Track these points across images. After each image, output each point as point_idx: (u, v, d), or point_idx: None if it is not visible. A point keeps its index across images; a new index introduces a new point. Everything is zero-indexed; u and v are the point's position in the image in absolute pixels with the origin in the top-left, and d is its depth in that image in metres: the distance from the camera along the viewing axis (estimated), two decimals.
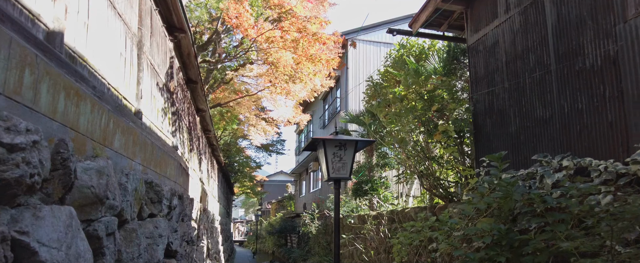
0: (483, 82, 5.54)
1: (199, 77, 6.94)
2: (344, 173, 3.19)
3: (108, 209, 2.62)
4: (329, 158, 3.14)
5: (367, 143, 3.31)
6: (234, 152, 24.80)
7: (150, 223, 3.71)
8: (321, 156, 3.20)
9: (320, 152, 3.21)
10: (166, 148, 4.39)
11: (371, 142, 3.33)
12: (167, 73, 4.88)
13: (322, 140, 3.13)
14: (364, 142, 3.30)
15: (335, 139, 3.16)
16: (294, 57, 8.47)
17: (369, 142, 3.28)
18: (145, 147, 3.61)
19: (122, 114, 3.08)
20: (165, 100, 4.70)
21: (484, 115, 5.48)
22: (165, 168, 4.28)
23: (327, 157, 3.12)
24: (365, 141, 3.32)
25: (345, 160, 3.19)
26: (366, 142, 3.35)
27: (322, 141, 3.14)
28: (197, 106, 8.29)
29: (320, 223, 14.46)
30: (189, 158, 6.70)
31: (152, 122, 4.04)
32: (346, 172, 3.19)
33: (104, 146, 2.70)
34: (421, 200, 8.00)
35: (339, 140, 3.18)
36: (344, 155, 3.18)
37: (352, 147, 3.21)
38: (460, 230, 4.47)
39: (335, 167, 3.14)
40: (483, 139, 5.46)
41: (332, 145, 3.18)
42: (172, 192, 4.31)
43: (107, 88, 2.87)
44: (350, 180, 3.22)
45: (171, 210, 4.29)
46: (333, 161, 3.14)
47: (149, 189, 3.62)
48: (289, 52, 8.29)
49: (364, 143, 3.30)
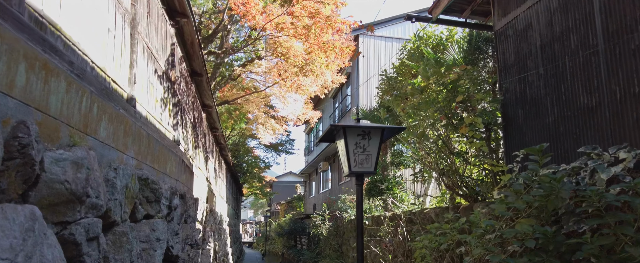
0: (513, 69, 5.05)
1: (204, 70, 6.53)
2: (368, 166, 2.72)
3: (89, 209, 2.19)
4: (351, 149, 2.68)
5: (395, 131, 2.84)
6: (243, 152, 24.43)
7: (146, 225, 3.28)
8: (341, 147, 2.75)
9: (340, 142, 2.75)
10: (166, 142, 3.96)
11: (400, 129, 2.86)
12: (167, 61, 4.46)
13: (342, 127, 2.67)
14: (392, 130, 2.82)
15: (357, 127, 2.70)
16: (305, 47, 7.98)
17: (398, 130, 2.82)
18: (140, 139, 3.18)
19: (111, 99, 2.65)
20: (166, 90, 4.28)
21: (514, 105, 4.98)
22: (164, 164, 3.85)
23: (348, 148, 2.66)
24: (394, 128, 2.85)
25: (370, 151, 2.73)
26: (394, 129, 2.87)
27: (342, 129, 2.67)
28: (203, 101, 7.88)
29: (331, 225, 14.01)
30: (194, 155, 6.28)
31: (149, 112, 3.61)
32: (370, 165, 2.72)
33: (85, 134, 2.27)
34: (441, 199, 7.51)
35: (362, 128, 2.72)
36: (368, 145, 2.71)
37: (377, 136, 2.74)
38: (494, 233, 3.99)
39: (358, 160, 2.68)
40: (514, 132, 4.97)
41: (354, 134, 2.72)
42: (173, 190, 3.88)
43: (90, 67, 2.44)
44: (374, 174, 2.75)
45: (171, 210, 3.87)
46: (355, 152, 2.68)
47: (144, 187, 3.19)
48: (300, 40, 7.79)
49: (392, 131, 2.82)
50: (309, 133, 26.85)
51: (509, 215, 3.77)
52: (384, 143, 11.38)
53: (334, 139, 2.95)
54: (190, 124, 6.14)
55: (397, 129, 2.83)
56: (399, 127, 2.77)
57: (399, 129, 2.84)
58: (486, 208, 4.90)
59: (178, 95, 4.95)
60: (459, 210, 5.77)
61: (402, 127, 2.80)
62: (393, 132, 2.84)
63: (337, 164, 19.49)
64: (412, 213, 6.55)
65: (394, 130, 2.84)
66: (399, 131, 2.86)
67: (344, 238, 13.04)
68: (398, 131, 2.84)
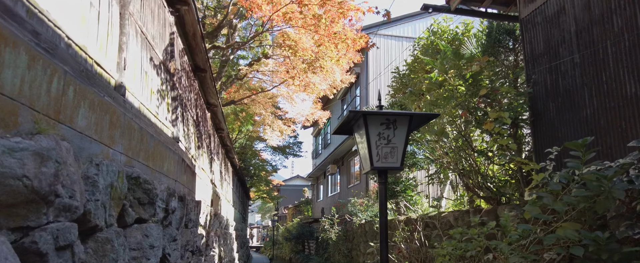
0: (542, 59, 4.62)
1: (208, 65, 6.16)
2: (393, 161, 2.30)
3: (60, 211, 1.81)
4: (373, 140, 2.27)
5: (426, 118, 2.43)
6: (250, 155, 24.08)
7: (137, 230, 2.90)
8: (360, 139, 2.33)
9: (360, 133, 2.33)
10: (162, 138, 3.58)
11: (432, 116, 2.42)
12: (166, 51, 4.09)
13: (362, 114, 2.25)
14: (421, 118, 2.39)
15: (381, 113, 2.28)
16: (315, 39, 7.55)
17: (429, 116, 2.39)
18: (130, 133, 2.80)
19: (93, 83, 2.27)
20: (164, 82, 3.90)
21: (544, 98, 4.55)
22: (161, 162, 3.47)
23: (370, 139, 2.24)
24: (425, 115, 2.42)
25: (395, 143, 2.31)
26: (425, 116, 2.43)
27: (362, 116, 2.25)
28: (207, 100, 7.51)
29: (341, 229, 13.57)
30: (197, 155, 5.90)
31: (142, 104, 3.23)
32: (396, 160, 2.30)
33: (56, 121, 1.88)
34: (460, 202, 7.06)
35: (386, 115, 2.30)
36: (393, 136, 2.29)
37: (404, 125, 2.32)
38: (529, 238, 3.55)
39: (382, 153, 2.26)
40: (544, 127, 4.54)
41: (377, 123, 2.31)
42: (170, 191, 3.50)
43: (64, 43, 2.06)
44: (401, 170, 2.34)
45: (169, 214, 3.48)
46: (378, 144, 2.26)
47: (135, 187, 2.81)
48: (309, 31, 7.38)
49: (421, 119, 2.39)
50: (317, 136, 26.44)
51: (547, 218, 3.34)
52: None
53: (351, 131, 2.54)
54: (193, 122, 5.77)
55: (428, 115, 2.41)
56: (431, 114, 2.35)
57: (430, 116, 2.42)
58: (514, 211, 4.46)
59: (178, 89, 4.58)
60: (481, 214, 5.33)
61: (434, 113, 2.38)
62: (423, 120, 2.42)
63: (345, 167, 19.06)
64: (430, 217, 6.12)
65: (425, 117, 2.42)
66: (432, 118, 2.43)
67: (354, 243, 12.59)
68: (430, 118, 2.41)
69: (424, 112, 2.53)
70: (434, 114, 2.37)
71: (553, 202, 3.44)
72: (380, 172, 2.31)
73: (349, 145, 16.52)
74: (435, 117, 2.40)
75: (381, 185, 2.32)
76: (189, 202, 4.41)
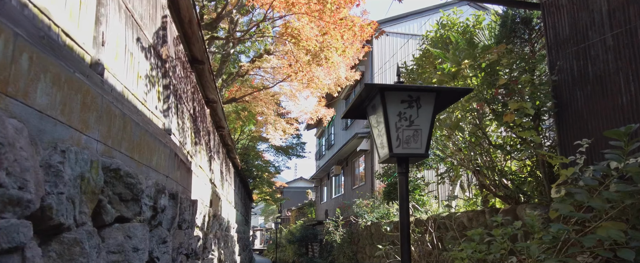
0: (568, 44, 4.24)
1: (206, 56, 5.80)
2: (417, 146, 1.90)
3: (4, 205, 1.44)
4: (392, 121, 1.88)
5: (458, 93, 1.99)
6: (252, 156, 23.73)
7: (118, 231, 2.53)
8: (376, 121, 1.94)
9: (376, 114, 1.95)
10: (151, 129, 3.21)
11: (465, 91, 1.99)
12: (157, 34, 3.73)
13: (379, 90, 1.86)
14: (451, 93, 1.98)
15: (402, 88, 1.89)
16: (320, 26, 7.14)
17: (462, 92, 1.96)
18: (110, 118, 2.44)
19: (58, 55, 1.91)
20: (154, 67, 3.54)
21: (571, 86, 4.17)
22: (148, 155, 3.10)
23: (389, 120, 1.86)
24: (456, 90, 2.00)
25: (419, 124, 1.90)
26: (456, 92, 2.01)
27: (379, 92, 1.86)
28: (206, 95, 7.16)
29: (345, 231, 13.19)
30: (193, 152, 5.53)
31: (126, 88, 2.87)
32: (420, 145, 1.91)
33: (3, 95, 1.52)
34: (473, 202, 6.67)
35: (408, 90, 1.91)
36: (416, 116, 1.91)
37: (430, 102, 1.91)
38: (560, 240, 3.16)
39: (403, 137, 1.89)
40: (571, 118, 4.15)
41: (397, 100, 1.90)
42: (159, 188, 3.13)
43: (16, 0, 1.70)
44: (427, 157, 1.96)
45: (157, 213, 3.11)
46: (399, 126, 1.88)
47: (114, 180, 2.44)
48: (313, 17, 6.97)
49: (452, 95, 1.98)
50: (320, 137, 26.06)
51: (584, 217, 2.95)
52: None
53: (364, 113, 2.16)
54: (190, 116, 5.40)
55: (460, 91, 1.99)
56: (463, 89, 1.96)
57: (462, 91, 2.01)
58: (537, 210, 4.08)
59: (172, 78, 4.22)
60: (498, 214, 4.95)
61: (468, 88, 1.99)
62: (453, 96, 2.01)
63: (350, 168, 18.68)
64: (442, 218, 5.73)
65: (455, 92, 2.01)
66: (463, 93, 2.01)
67: (359, 246, 12.20)
68: (461, 93, 2.00)
69: (455, 87, 2.12)
70: (467, 89, 1.98)
71: (590, 199, 3.06)
72: (401, 159, 1.93)
73: (353, 146, 16.14)
74: (469, 93, 2.01)
75: (402, 176, 1.94)
76: (183, 201, 4.04)
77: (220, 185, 9.40)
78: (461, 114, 5.32)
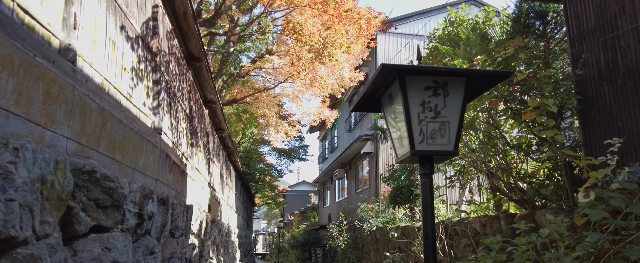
0: (593, 36, 3.90)
1: (203, 53, 5.48)
2: (444, 142, 1.56)
3: None
4: (414, 113, 1.55)
5: (495, 77, 1.63)
6: (254, 160, 23.40)
7: (94, 242, 2.20)
8: (394, 112, 1.60)
9: (393, 104, 1.62)
10: (137, 127, 2.89)
11: (505, 74, 1.62)
12: (147, 25, 3.42)
13: (398, 73, 1.52)
14: (486, 77, 1.63)
15: (426, 70, 1.55)
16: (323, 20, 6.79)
17: (500, 76, 1.58)
18: (85, 113, 2.12)
19: (11, 34, 1.60)
20: (142, 60, 3.22)
21: (597, 81, 3.83)
22: (133, 156, 2.78)
23: (410, 111, 1.53)
24: (492, 74, 1.64)
25: (447, 115, 1.57)
26: (492, 76, 1.65)
27: (398, 76, 1.52)
28: (204, 95, 6.84)
29: (349, 236, 12.83)
30: (189, 154, 5.21)
31: (107, 80, 2.55)
32: (448, 141, 1.56)
33: None
34: (486, 207, 6.32)
35: (433, 73, 1.60)
36: (443, 105, 1.56)
37: (459, 89, 1.57)
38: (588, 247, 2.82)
39: (427, 131, 1.54)
40: (598, 115, 3.81)
41: (420, 86, 1.56)
42: (146, 193, 2.80)
43: None
44: (456, 156, 1.62)
45: (144, 220, 2.78)
46: (422, 118, 1.55)
47: (89, 184, 2.11)
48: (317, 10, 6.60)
49: (487, 80, 1.62)
50: (323, 140, 25.73)
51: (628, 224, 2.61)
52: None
53: (377, 105, 1.82)
54: (185, 116, 5.09)
55: (498, 74, 1.64)
56: (502, 71, 1.62)
57: (501, 75, 1.65)
58: (560, 216, 3.73)
59: (164, 73, 3.90)
60: (515, 220, 4.61)
61: (506, 71, 1.64)
62: (487, 81, 1.65)
63: (353, 171, 18.33)
64: (454, 224, 5.39)
65: (490, 76, 1.65)
66: (502, 78, 1.65)
67: (363, 252, 11.84)
68: (499, 78, 1.64)
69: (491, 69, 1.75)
70: (505, 72, 1.63)
71: (630, 204, 2.72)
72: (424, 158, 1.59)
73: (357, 149, 15.80)
74: (507, 76, 1.66)
75: (424, 179, 1.61)
76: (176, 207, 3.71)
77: (220, 189, 9.07)
78: (473, 112, 5.00)
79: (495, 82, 1.70)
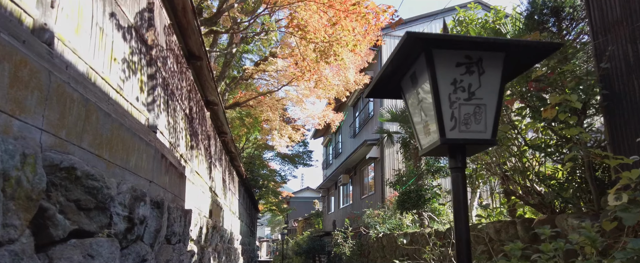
0: (620, 26, 3.64)
1: (204, 51, 5.26)
2: (479, 129, 1.31)
3: None
4: (443, 93, 1.30)
5: (543, 50, 1.35)
6: (258, 165, 23.15)
7: (74, 249, 1.95)
8: (418, 95, 1.34)
9: (418, 85, 1.36)
10: (129, 123, 2.65)
11: (554, 46, 1.35)
12: (141, 15, 3.19)
13: (424, 43, 1.26)
14: (529, 52, 1.34)
15: (457, 40, 1.31)
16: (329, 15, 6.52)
17: (549, 48, 1.30)
18: (64, 102, 1.88)
19: None
20: (135, 52, 2.99)
21: (625, 75, 3.56)
22: (124, 154, 2.53)
23: (440, 92, 1.29)
24: (536, 47, 1.36)
25: (483, 97, 1.32)
26: (537, 49, 1.38)
27: (423, 49, 1.28)
28: (205, 96, 6.62)
29: (355, 243, 12.53)
30: (189, 156, 4.96)
31: (93, 69, 2.31)
32: (484, 128, 1.31)
33: None
34: (499, 212, 6.04)
35: (468, 44, 1.33)
36: (478, 85, 1.31)
37: (497, 66, 1.32)
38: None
39: (459, 116, 1.29)
40: (627, 111, 3.54)
41: (450, 63, 1.31)
42: (138, 194, 2.55)
43: None
44: (494, 145, 1.36)
45: (135, 225, 2.53)
46: (453, 99, 1.30)
47: (67, 182, 1.87)
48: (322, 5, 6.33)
49: (528, 55, 1.33)
50: (327, 146, 25.46)
51: None
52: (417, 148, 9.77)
53: (397, 90, 1.57)
54: (185, 116, 4.85)
55: (547, 45, 1.36)
56: (551, 43, 1.36)
57: (549, 47, 1.39)
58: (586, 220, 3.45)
59: (161, 69, 3.67)
60: (532, 225, 4.34)
61: (557, 42, 1.37)
62: (532, 56, 1.38)
63: (358, 177, 18.04)
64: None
65: (536, 50, 1.37)
66: (550, 50, 1.37)
67: (369, 259, 11.54)
68: (547, 50, 1.36)
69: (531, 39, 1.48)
70: (555, 43, 1.37)
71: None
72: (455, 148, 1.33)
73: (362, 154, 15.53)
74: (557, 48, 1.39)
75: (456, 173, 1.35)
76: (173, 211, 3.46)
77: (222, 194, 8.82)
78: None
79: (540, 58, 1.44)
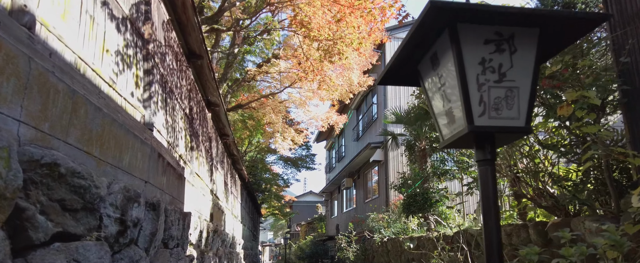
0: (639, 20, 3.46)
1: (204, 49, 5.11)
2: (512, 115, 1.14)
3: None
4: (471, 74, 1.13)
5: (587, 25, 1.20)
6: (261, 169, 22.98)
7: (58, 253, 1.78)
8: (439, 78, 1.17)
9: (439, 67, 1.18)
10: (121, 118, 2.49)
11: (602, 17, 1.19)
12: (137, 8, 3.04)
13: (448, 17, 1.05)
14: (568, 26, 1.16)
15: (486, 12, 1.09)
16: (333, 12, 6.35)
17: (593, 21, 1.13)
18: (45, 93, 1.71)
19: None
20: (130, 45, 2.83)
21: None
22: (117, 151, 2.37)
23: (466, 73, 1.12)
24: (579, 18, 1.19)
25: (515, 79, 1.15)
26: (578, 21, 1.20)
27: (447, 23, 1.09)
28: (207, 97, 6.46)
29: (359, 247, 12.32)
30: (189, 157, 4.80)
31: (81, 59, 2.15)
32: (517, 114, 1.14)
33: None
34: (509, 214, 5.85)
35: (495, 19, 1.13)
36: (509, 66, 1.14)
37: (531, 45, 1.15)
38: None
39: (488, 100, 1.13)
40: None
41: (478, 40, 1.14)
42: (131, 195, 2.38)
43: None
44: (529, 133, 1.19)
45: (128, 227, 2.36)
46: (482, 81, 1.13)
47: (50, 180, 1.70)
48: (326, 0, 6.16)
49: (568, 30, 1.18)
50: (330, 150, 25.28)
51: None
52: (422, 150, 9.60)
53: (412, 76, 1.39)
54: (184, 115, 4.69)
55: (591, 16, 1.18)
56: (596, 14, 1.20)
57: (594, 19, 1.21)
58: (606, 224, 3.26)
59: (159, 65, 3.51)
60: (546, 228, 4.15)
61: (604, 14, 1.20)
62: (574, 32, 1.21)
63: (361, 180, 17.84)
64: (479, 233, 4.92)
65: (578, 24, 1.20)
66: (594, 23, 1.20)
67: None
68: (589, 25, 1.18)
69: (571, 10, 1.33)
70: (602, 15, 1.20)
71: None
72: (483, 137, 1.15)
73: (365, 157, 15.35)
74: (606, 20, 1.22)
75: (484, 166, 1.18)
76: (170, 213, 3.29)
77: (224, 197, 8.65)
78: None
79: (581, 34, 1.27)
